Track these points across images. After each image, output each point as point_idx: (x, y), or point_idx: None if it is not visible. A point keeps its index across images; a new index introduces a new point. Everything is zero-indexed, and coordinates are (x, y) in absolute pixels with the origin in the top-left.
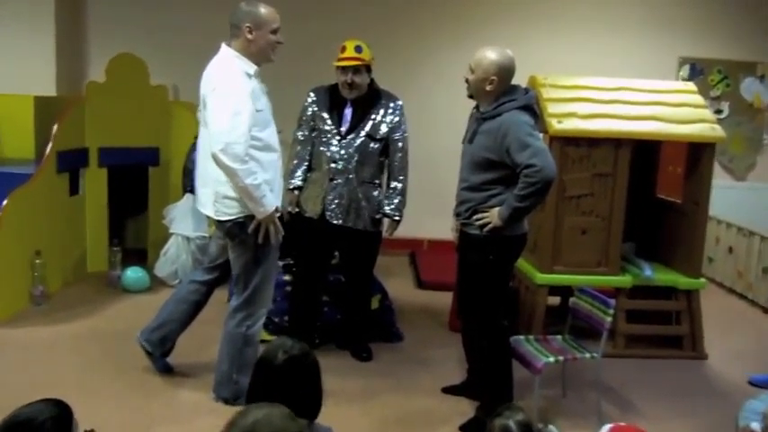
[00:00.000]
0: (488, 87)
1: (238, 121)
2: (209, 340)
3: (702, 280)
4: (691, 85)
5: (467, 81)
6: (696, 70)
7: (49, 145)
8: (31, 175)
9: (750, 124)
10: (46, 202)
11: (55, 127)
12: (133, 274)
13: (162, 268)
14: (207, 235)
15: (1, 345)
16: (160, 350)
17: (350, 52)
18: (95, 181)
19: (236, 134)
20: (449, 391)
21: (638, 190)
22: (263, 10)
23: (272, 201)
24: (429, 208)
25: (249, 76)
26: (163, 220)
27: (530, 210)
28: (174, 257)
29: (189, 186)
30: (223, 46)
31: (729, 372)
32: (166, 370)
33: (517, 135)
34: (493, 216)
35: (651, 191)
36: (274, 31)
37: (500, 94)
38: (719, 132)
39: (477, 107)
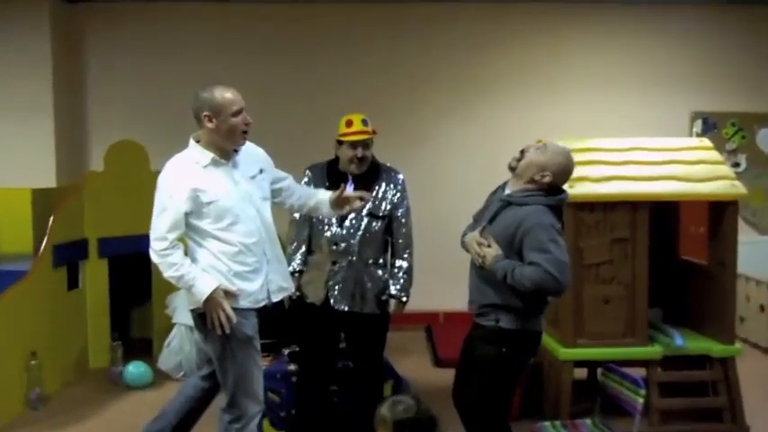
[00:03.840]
0: (537, 176)
1: (159, 219)
2: None
3: (737, 346)
4: (706, 142)
5: (522, 153)
6: (709, 124)
7: (45, 239)
8: (26, 272)
9: None
10: (42, 299)
11: (51, 219)
12: (135, 369)
13: (165, 361)
14: None
15: None
16: None
17: (358, 126)
18: (96, 273)
19: (156, 232)
20: None
21: (660, 253)
22: (219, 94)
23: (204, 287)
24: (442, 279)
25: (204, 166)
26: (166, 310)
27: (517, 290)
28: (177, 349)
29: None
30: (190, 139)
31: None
32: None
33: (540, 236)
34: (490, 254)
35: (674, 253)
36: (236, 114)
37: (540, 187)
38: (740, 189)
39: (502, 186)
